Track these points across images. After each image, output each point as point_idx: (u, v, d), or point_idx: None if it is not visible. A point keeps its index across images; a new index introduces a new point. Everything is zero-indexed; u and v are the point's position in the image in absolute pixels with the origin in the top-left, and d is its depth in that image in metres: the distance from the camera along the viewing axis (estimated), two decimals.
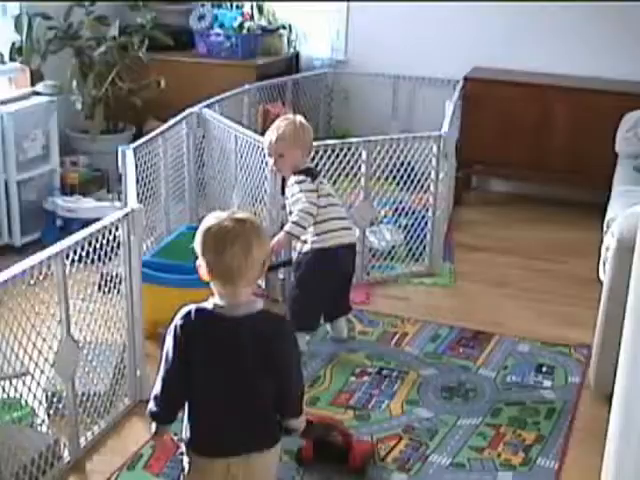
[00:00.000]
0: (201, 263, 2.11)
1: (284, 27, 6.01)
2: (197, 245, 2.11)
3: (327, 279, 3.55)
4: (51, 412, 2.92)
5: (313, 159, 3.97)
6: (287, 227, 3.47)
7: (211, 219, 2.12)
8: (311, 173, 3.56)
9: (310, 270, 3.53)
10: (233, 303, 2.12)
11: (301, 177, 3.52)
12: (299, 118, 3.61)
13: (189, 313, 2.14)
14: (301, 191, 3.48)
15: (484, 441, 3.03)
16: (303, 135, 3.55)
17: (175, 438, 2.27)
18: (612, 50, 5.41)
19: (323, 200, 3.52)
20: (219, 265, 2.07)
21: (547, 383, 3.44)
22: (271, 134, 3.56)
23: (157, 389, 2.20)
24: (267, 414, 2.20)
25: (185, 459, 2.23)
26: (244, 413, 2.16)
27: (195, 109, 4.50)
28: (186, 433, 2.20)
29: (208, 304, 2.14)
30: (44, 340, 2.64)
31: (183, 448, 2.23)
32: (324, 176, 4.02)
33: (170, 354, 2.15)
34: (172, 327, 2.16)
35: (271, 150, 3.57)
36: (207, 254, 2.09)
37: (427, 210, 4.38)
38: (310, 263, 3.52)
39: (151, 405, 2.21)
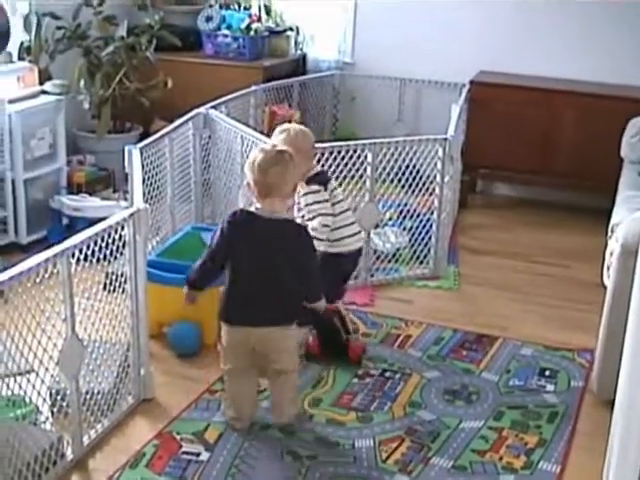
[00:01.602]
0: (249, 182, 2.88)
1: (291, 29, 6.02)
2: (247, 169, 2.88)
3: (328, 280, 3.41)
4: (55, 410, 2.93)
5: (319, 161, 3.99)
6: None
7: (257, 150, 2.90)
8: (324, 180, 3.54)
9: (322, 271, 3.47)
10: (270, 209, 2.86)
11: (315, 187, 3.49)
12: (294, 128, 3.48)
13: (236, 212, 2.95)
14: (317, 202, 3.48)
15: (486, 444, 3.04)
16: (299, 144, 3.37)
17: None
18: (618, 55, 5.41)
19: (336, 207, 3.53)
20: (262, 181, 2.82)
21: (550, 387, 3.44)
22: None
23: (197, 264, 3.03)
24: (283, 296, 2.89)
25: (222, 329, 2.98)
26: (264, 291, 2.86)
27: (202, 110, 4.51)
28: (220, 305, 2.94)
29: (252, 208, 2.90)
30: (49, 338, 2.65)
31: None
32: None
33: (215, 240, 2.92)
34: (220, 223, 2.94)
35: None
36: (254, 174, 2.83)
37: (432, 213, 4.39)
38: (322, 264, 3.44)
39: (188, 273, 3.08)
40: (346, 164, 4.08)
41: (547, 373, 3.54)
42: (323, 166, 3.99)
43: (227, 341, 2.97)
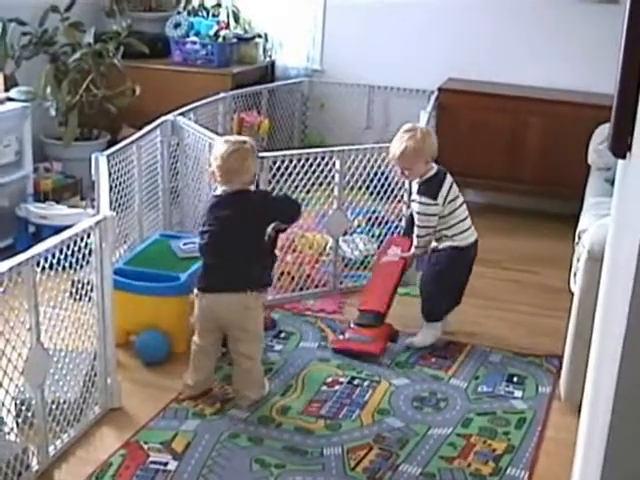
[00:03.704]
0: (214, 169, 3.14)
1: (260, 36, 6.01)
2: (212, 158, 3.17)
3: (461, 273, 3.85)
4: (20, 420, 2.89)
5: (287, 168, 3.99)
6: (413, 250, 3.84)
7: (221, 141, 3.20)
8: (436, 186, 3.69)
9: (448, 266, 3.76)
10: (229, 188, 3.14)
11: (426, 199, 3.67)
12: (421, 130, 3.71)
13: (212, 196, 3.27)
14: (426, 214, 3.69)
15: (454, 451, 3.04)
16: (425, 147, 3.66)
17: None
18: (585, 63, 5.46)
19: (454, 204, 3.72)
20: (223, 167, 3.09)
21: (518, 393, 3.46)
22: (395, 148, 3.68)
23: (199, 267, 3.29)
24: (240, 266, 3.12)
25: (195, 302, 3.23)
26: (223, 261, 3.12)
27: (170, 117, 4.48)
28: (196, 280, 3.23)
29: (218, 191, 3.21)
30: (13, 348, 2.62)
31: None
32: (296, 186, 4.03)
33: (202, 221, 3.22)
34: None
35: (396, 163, 3.75)
36: (217, 161, 3.11)
37: (400, 220, 4.40)
38: (448, 260, 3.76)
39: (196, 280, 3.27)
40: (314, 171, 4.08)
41: (515, 379, 3.56)
42: (291, 174, 4.00)
43: (198, 312, 3.19)
